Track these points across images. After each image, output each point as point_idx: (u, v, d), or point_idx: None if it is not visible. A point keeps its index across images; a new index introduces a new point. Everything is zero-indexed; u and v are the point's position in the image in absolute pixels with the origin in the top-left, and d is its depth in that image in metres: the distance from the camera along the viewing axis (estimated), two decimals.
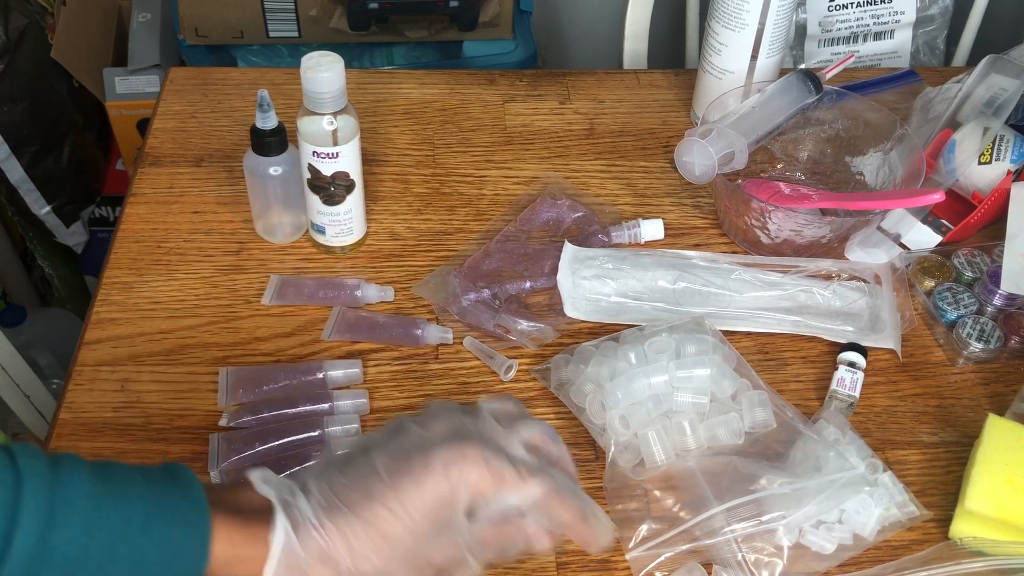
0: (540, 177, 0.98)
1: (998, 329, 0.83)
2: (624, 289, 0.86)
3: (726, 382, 0.74)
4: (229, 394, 0.76)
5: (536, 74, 1.11)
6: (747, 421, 0.73)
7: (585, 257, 0.87)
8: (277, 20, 1.33)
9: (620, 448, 0.72)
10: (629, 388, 0.73)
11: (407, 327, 0.82)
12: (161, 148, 0.99)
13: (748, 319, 0.84)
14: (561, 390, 0.78)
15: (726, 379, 0.74)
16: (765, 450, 0.73)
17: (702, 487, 0.69)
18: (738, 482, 0.69)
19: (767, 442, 0.73)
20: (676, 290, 0.85)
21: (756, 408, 0.74)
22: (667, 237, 0.92)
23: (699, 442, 0.72)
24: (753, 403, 0.74)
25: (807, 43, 1.36)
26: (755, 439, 0.73)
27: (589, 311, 0.84)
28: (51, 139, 1.50)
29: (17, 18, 1.42)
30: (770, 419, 0.73)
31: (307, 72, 0.76)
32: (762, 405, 0.74)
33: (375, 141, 1.01)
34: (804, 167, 0.98)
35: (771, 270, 0.87)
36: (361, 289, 0.84)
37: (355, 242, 0.89)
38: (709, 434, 0.73)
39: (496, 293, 0.84)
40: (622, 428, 0.72)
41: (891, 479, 0.71)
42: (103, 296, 0.85)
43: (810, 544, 0.68)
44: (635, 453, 0.72)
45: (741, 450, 0.72)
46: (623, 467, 0.72)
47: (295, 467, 0.71)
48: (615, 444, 0.72)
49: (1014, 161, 0.92)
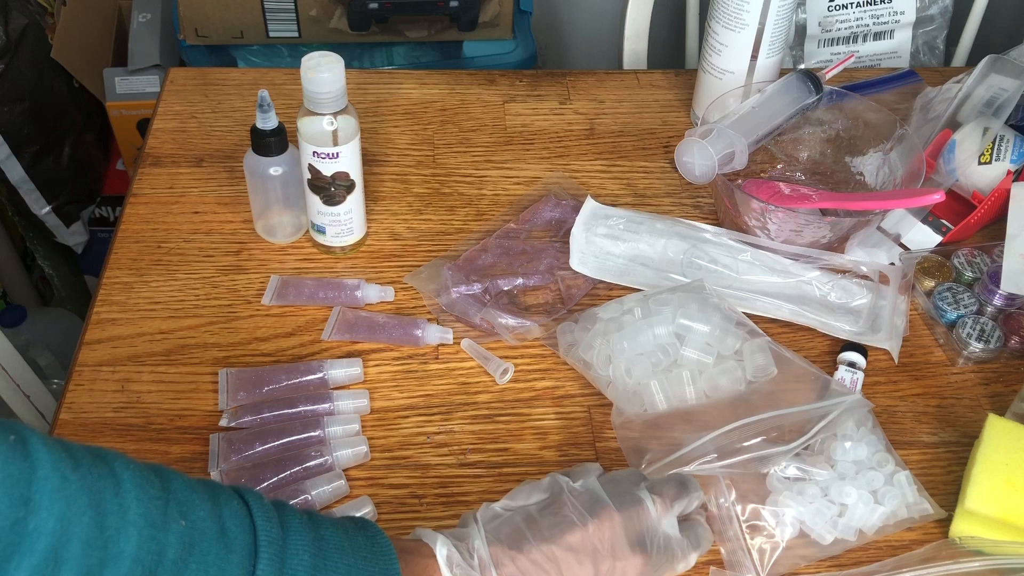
0: (544, 176, 0.98)
1: (998, 329, 0.83)
2: (633, 253, 0.87)
3: (730, 339, 0.75)
4: (230, 395, 0.77)
5: (536, 74, 1.11)
6: (749, 369, 0.74)
7: (604, 215, 0.89)
8: (277, 20, 1.33)
9: (625, 396, 0.74)
10: (635, 339, 0.75)
11: (407, 327, 0.82)
12: (161, 148, 0.99)
13: (748, 300, 0.85)
14: (570, 352, 0.79)
15: (730, 336, 0.75)
16: (769, 395, 0.73)
17: (720, 413, 0.70)
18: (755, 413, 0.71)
19: (771, 388, 0.74)
20: (683, 262, 0.86)
21: (756, 355, 0.75)
22: None
23: (698, 393, 0.74)
24: (753, 350, 0.75)
25: (807, 43, 1.36)
26: (757, 387, 0.74)
27: (595, 268, 0.86)
28: (51, 139, 1.50)
29: (17, 18, 1.42)
30: (770, 364, 0.74)
31: (307, 72, 0.76)
32: (762, 351, 0.75)
33: (375, 141, 1.01)
34: (804, 167, 0.98)
35: (783, 256, 0.87)
36: (361, 289, 0.84)
37: (355, 242, 0.89)
38: (711, 384, 0.74)
39: (487, 288, 0.84)
40: (626, 378, 0.74)
41: (907, 478, 0.71)
42: (103, 296, 0.85)
43: (809, 531, 0.69)
44: (639, 401, 0.74)
45: (749, 396, 0.73)
46: (627, 415, 0.73)
47: (295, 467, 0.71)
48: (621, 392, 0.74)
49: (1014, 161, 0.92)
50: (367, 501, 0.70)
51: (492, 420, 0.77)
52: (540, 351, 0.82)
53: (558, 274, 0.86)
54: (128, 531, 0.47)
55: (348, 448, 0.73)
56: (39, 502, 0.44)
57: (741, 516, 0.68)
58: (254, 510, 0.53)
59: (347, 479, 0.71)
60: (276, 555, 0.52)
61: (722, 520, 0.69)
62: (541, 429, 0.77)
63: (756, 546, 0.68)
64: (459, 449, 0.75)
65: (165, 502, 0.49)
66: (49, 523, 0.44)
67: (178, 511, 0.49)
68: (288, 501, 0.68)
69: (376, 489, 0.72)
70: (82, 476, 0.46)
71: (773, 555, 0.67)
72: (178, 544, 0.48)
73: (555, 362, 0.81)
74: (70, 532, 0.45)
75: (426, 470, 0.74)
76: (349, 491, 0.71)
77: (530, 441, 0.76)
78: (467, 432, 0.76)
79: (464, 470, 0.74)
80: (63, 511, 0.45)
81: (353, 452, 0.73)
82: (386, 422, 0.77)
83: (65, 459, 0.46)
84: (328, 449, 0.72)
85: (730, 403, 0.72)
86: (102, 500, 0.46)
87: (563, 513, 0.60)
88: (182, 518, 0.49)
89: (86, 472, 0.46)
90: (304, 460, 0.71)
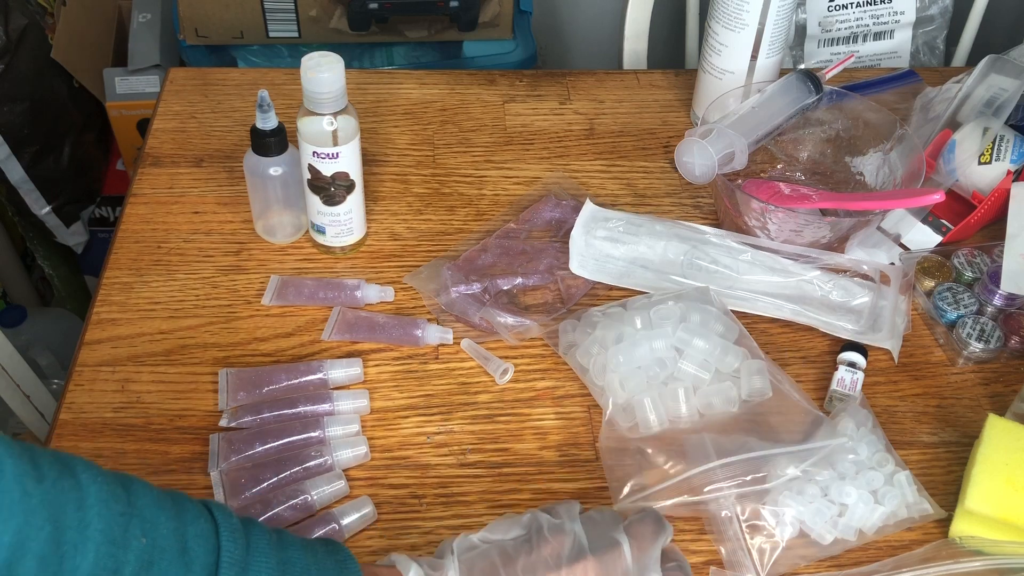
0: (543, 177, 0.98)
1: (998, 329, 0.83)
2: (633, 255, 0.87)
3: (730, 357, 0.75)
4: (230, 395, 0.77)
5: (536, 74, 1.11)
6: (744, 389, 0.74)
7: (603, 217, 0.89)
8: (277, 20, 1.33)
9: (618, 409, 0.74)
10: (631, 353, 0.75)
11: (407, 327, 0.82)
12: (161, 148, 0.99)
13: (749, 301, 0.85)
14: (568, 352, 0.79)
15: (730, 355, 0.75)
16: (759, 419, 0.73)
17: (705, 447, 0.70)
18: (740, 449, 0.70)
19: (763, 412, 0.74)
20: (683, 263, 0.86)
21: (754, 376, 0.75)
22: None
23: (691, 410, 0.74)
24: (751, 371, 0.75)
25: (807, 43, 1.36)
26: (751, 408, 0.74)
27: (595, 271, 0.86)
28: (51, 139, 1.50)
29: (17, 18, 1.42)
30: (767, 388, 0.74)
31: (307, 72, 0.76)
32: (760, 373, 0.75)
33: (375, 141, 1.01)
34: (804, 167, 0.98)
35: (783, 256, 0.88)
36: (361, 289, 0.84)
37: (355, 242, 0.89)
38: (704, 402, 0.74)
39: (487, 287, 0.84)
40: (620, 391, 0.74)
41: (907, 478, 0.71)
42: (103, 296, 0.85)
43: (809, 531, 0.69)
44: (631, 415, 0.74)
45: (741, 418, 0.73)
46: (619, 428, 0.73)
47: (295, 467, 0.71)
48: (612, 405, 0.74)
49: (1014, 161, 0.92)
50: (367, 501, 0.70)
51: (492, 420, 0.77)
52: (540, 351, 0.82)
53: (558, 274, 0.86)
54: (86, 547, 0.46)
55: (348, 448, 0.73)
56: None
57: (741, 516, 0.68)
58: (221, 528, 0.52)
59: (347, 479, 0.71)
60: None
61: (722, 520, 0.69)
62: (541, 429, 0.77)
63: (756, 546, 0.68)
64: (459, 449, 0.75)
65: (128, 517, 0.48)
66: (5, 537, 0.44)
67: (140, 528, 0.49)
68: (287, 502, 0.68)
69: (376, 489, 0.72)
70: (45, 490, 0.46)
71: (773, 555, 0.67)
72: (136, 562, 0.48)
73: (555, 362, 0.81)
74: (26, 547, 0.44)
75: (426, 470, 0.74)
76: (349, 491, 0.71)
77: (530, 441, 0.76)
78: (467, 432, 0.76)
79: (464, 470, 0.74)
80: (20, 525, 0.44)
81: (353, 452, 0.73)
82: (386, 422, 0.77)
83: (29, 471, 0.45)
84: (328, 449, 0.72)
85: (720, 428, 0.72)
86: (63, 515, 0.46)
87: (539, 554, 0.59)
88: (143, 535, 0.48)
89: (50, 485, 0.46)
90: (304, 460, 0.71)
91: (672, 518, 0.69)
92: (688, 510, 0.69)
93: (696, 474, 0.69)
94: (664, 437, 0.72)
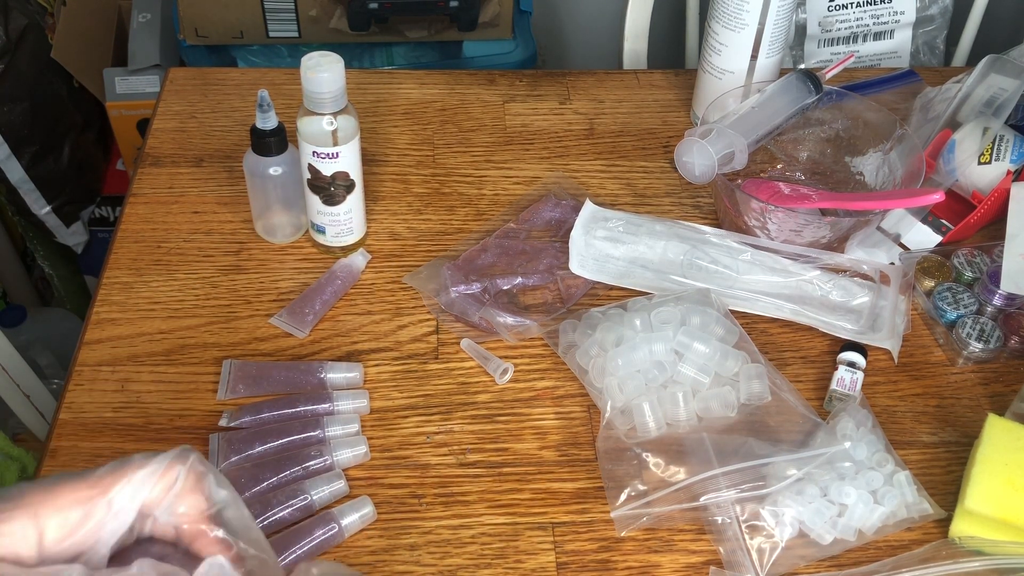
0: (543, 176, 0.98)
1: (998, 329, 0.83)
2: (633, 255, 0.87)
3: (730, 362, 0.75)
4: (229, 388, 0.77)
5: (536, 74, 1.11)
6: (743, 393, 0.75)
7: (603, 217, 0.89)
8: (277, 20, 1.33)
9: (616, 412, 0.74)
10: (630, 356, 0.75)
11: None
12: (161, 148, 0.99)
13: (749, 301, 0.85)
14: (568, 353, 0.79)
15: (730, 359, 0.75)
16: (757, 423, 0.74)
17: (705, 451, 0.70)
18: (738, 455, 0.70)
19: (761, 416, 0.74)
20: (683, 263, 0.86)
21: (753, 380, 0.75)
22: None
23: (690, 414, 0.74)
24: (750, 375, 0.75)
25: (807, 43, 1.36)
26: (750, 411, 0.74)
27: (595, 270, 0.86)
28: (51, 139, 1.50)
29: (17, 18, 1.42)
30: (765, 392, 0.74)
31: (307, 72, 0.76)
32: (759, 377, 0.75)
33: (375, 141, 1.01)
34: (804, 167, 0.98)
35: (783, 256, 0.88)
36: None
37: (355, 242, 0.89)
38: (702, 406, 0.74)
39: (486, 287, 0.84)
40: (619, 394, 0.74)
41: (907, 478, 0.71)
42: (103, 296, 0.85)
43: (809, 531, 0.69)
44: (629, 419, 0.74)
45: (739, 423, 0.73)
46: (617, 430, 0.73)
47: (295, 467, 0.71)
48: (611, 408, 0.74)
49: (1014, 161, 0.92)
50: (367, 501, 0.70)
51: (492, 420, 0.77)
52: (540, 351, 0.82)
53: (557, 274, 0.86)
54: None
55: (348, 448, 0.73)
56: None
57: (740, 516, 0.68)
58: None
59: (347, 479, 0.71)
60: None
61: (721, 520, 0.69)
62: (541, 429, 0.77)
63: (755, 546, 0.68)
64: (459, 449, 0.75)
65: None
66: None
67: None
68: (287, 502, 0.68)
69: (376, 489, 0.72)
70: None
71: (772, 555, 0.67)
72: None
73: (555, 362, 0.81)
74: None
75: (426, 470, 0.74)
76: (349, 491, 0.71)
77: (530, 441, 0.76)
78: (467, 432, 0.76)
79: (464, 470, 0.74)
80: None
81: (353, 452, 0.73)
82: (386, 422, 0.77)
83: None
84: (328, 449, 0.72)
85: (718, 432, 0.72)
86: None
87: None
88: None
89: None
90: (304, 460, 0.71)
91: (671, 518, 0.70)
92: (687, 514, 0.70)
93: (696, 482, 0.69)
94: (662, 441, 0.72)
